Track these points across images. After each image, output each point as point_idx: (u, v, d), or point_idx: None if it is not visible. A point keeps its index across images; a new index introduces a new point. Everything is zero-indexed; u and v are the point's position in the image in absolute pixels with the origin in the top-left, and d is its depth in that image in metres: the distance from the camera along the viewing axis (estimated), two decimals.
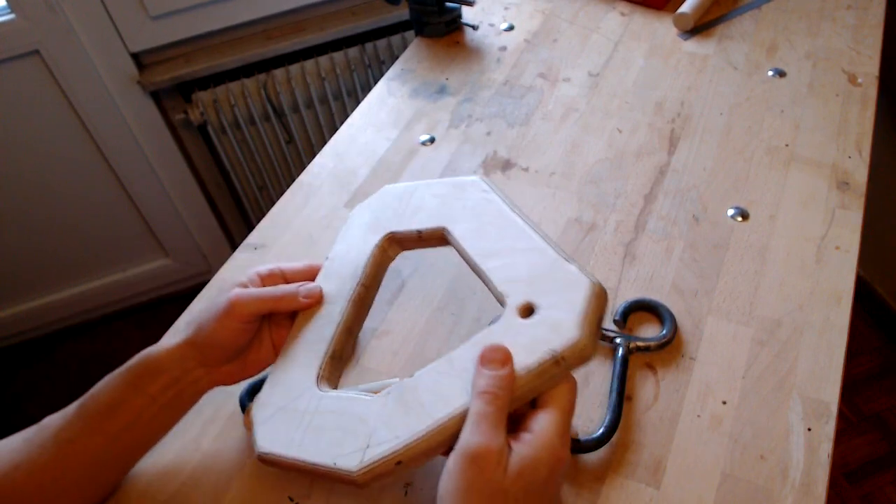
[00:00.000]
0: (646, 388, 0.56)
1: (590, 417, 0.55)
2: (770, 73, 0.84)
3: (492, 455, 0.36)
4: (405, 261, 0.67)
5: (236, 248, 0.71)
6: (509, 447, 0.37)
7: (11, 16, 1.18)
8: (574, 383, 0.40)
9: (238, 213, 1.70)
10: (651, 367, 0.58)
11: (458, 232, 0.50)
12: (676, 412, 0.54)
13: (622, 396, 0.55)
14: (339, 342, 0.50)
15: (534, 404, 0.41)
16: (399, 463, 0.39)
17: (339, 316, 0.50)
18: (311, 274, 0.54)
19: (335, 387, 0.48)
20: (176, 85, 1.35)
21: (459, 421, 0.39)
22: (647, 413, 0.55)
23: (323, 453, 0.42)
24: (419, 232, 0.52)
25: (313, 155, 0.80)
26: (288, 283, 0.53)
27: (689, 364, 0.57)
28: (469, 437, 0.36)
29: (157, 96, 1.38)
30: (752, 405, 0.54)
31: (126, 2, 1.22)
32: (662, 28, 0.93)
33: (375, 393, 0.45)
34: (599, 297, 0.41)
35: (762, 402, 0.54)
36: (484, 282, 0.46)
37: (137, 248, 1.64)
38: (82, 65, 1.26)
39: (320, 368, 0.48)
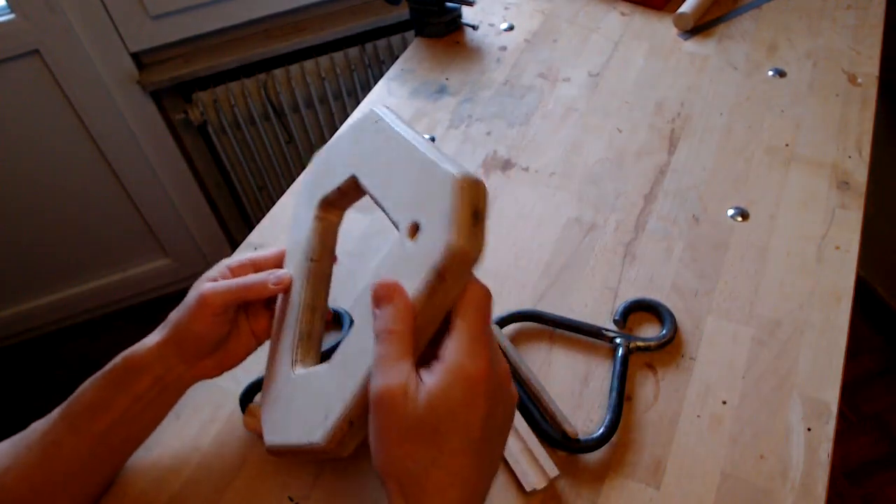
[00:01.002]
0: (646, 388, 0.56)
1: (590, 417, 0.55)
2: (770, 72, 0.84)
3: (396, 393, 0.34)
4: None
5: (236, 248, 0.71)
6: (421, 379, 0.35)
7: (11, 16, 1.18)
8: (479, 291, 0.37)
9: (238, 213, 1.70)
10: (651, 367, 0.58)
11: (364, 174, 0.47)
12: (676, 412, 0.54)
13: (622, 396, 0.55)
14: (304, 322, 0.49)
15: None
16: (351, 422, 0.39)
17: (298, 297, 0.50)
18: (280, 260, 0.54)
19: (315, 361, 0.48)
20: (176, 85, 1.35)
21: None
22: (647, 413, 0.55)
23: (299, 433, 0.42)
24: (339, 189, 0.50)
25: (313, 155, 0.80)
26: (258, 272, 0.52)
27: (689, 364, 0.57)
28: (373, 382, 0.35)
29: (157, 96, 1.38)
30: (752, 405, 0.54)
31: (126, 2, 1.22)
32: (662, 28, 0.93)
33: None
34: (468, 189, 0.36)
35: (762, 402, 0.54)
36: (386, 214, 0.44)
37: (137, 248, 1.64)
38: (82, 65, 1.26)
39: (293, 352, 0.48)
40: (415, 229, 0.39)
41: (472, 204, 0.36)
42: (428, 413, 0.34)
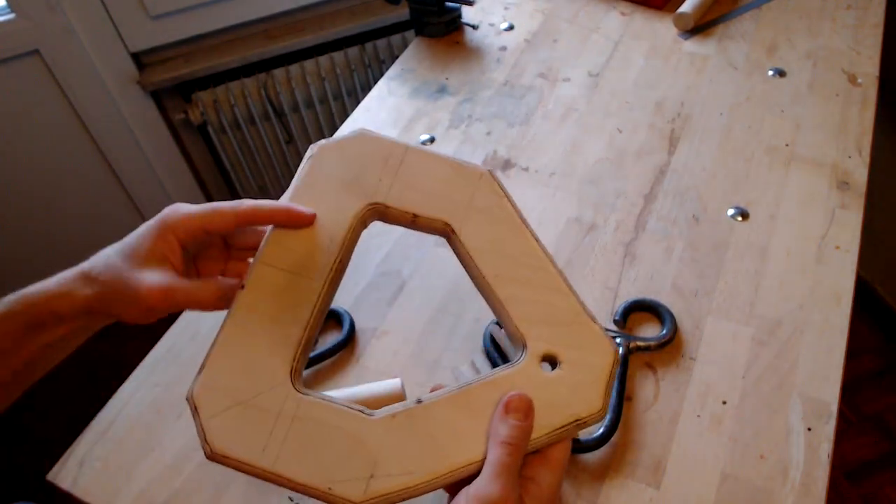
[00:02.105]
0: (646, 388, 0.56)
1: None
2: (770, 72, 0.84)
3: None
4: (405, 261, 0.67)
5: None
6: (521, 499, 0.38)
7: (11, 16, 1.18)
8: (568, 444, 0.41)
9: None
10: (651, 367, 0.58)
11: (465, 234, 0.44)
12: (676, 412, 0.54)
13: (622, 396, 0.55)
14: (312, 329, 0.42)
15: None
16: (405, 498, 0.38)
17: (316, 297, 0.42)
18: (289, 217, 0.44)
19: (301, 379, 0.42)
20: (176, 85, 1.35)
21: (477, 467, 0.38)
22: (647, 413, 0.55)
23: (313, 472, 0.37)
24: (415, 216, 0.45)
25: None
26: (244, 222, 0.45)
27: (689, 364, 0.57)
28: (488, 486, 0.37)
29: (157, 96, 1.38)
30: (752, 405, 0.54)
31: (126, 2, 1.22)
32: (662, 28, 0.93)
33: (369, 404, 0.40)
34: (617, 364, 0.42)
35: (762, 402, 0.54)
36: (495, 309, 0.44)
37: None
38: (82, 65, 1.26)
39: (294, 361, 0.41)
40: (549, 360, 0.42)
41: (612, 383, 0.41)
42: None
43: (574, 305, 0.43)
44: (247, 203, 0.44)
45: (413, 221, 0.46)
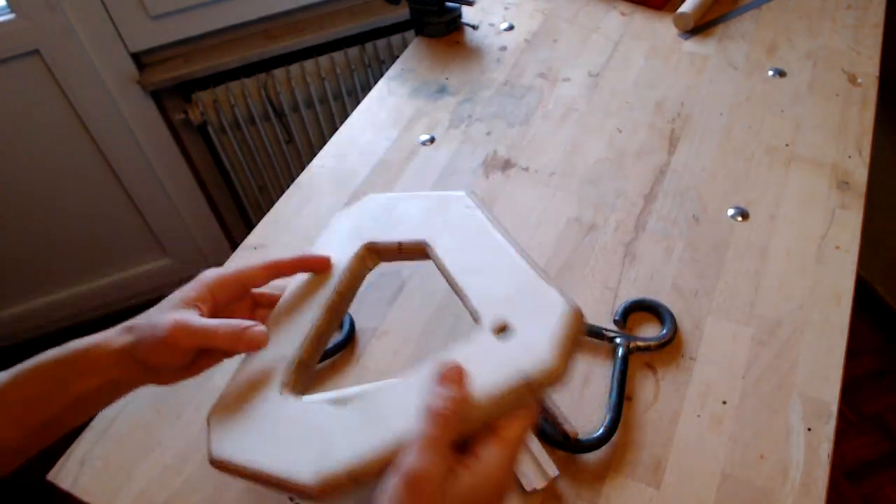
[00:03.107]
0: (646, 388, 0.56)
1: (590, 417, 0.55)
2: (770, 72, 0.84)
3: (432, 481, 0.34)
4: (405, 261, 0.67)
5: (236, 248, 0.71)
6: (454, 471, 0.36)
7: (11, 16, 1.18)
8: (533, 415, 0.39)
9: (238, 213, 1.70)
10: (651, 367, 0.58)
11: (439, 247, 0.49)
12: (676, 412, 0.54)
13: (622, 396, 0.55)
14: (307, 350, 0.47)
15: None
16: (356, 480, 0.38)
17: (311, 323, 0.48)
18: (299, 267, 0.52)
19: (300, 394, 0.46)
20: (176, 85, 1.35)
21: None
22: (647, 413, 0.55)
23: (277, 462, 0.40)
24: (399, 244, 0.51)
25: (313, 155, 0.80)
26: (272, 275, 0.50)
27: (689, 364, 0.57)
28: (412, 460, 0.35)
29: (157, 96, 1.37)
30: (752, 405, 0.54)
31: (126, 2, 1.22)
32: (662, 28, 0.93)
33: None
34: (576, 320, 0.40)
35: (762, 402, 0.54)
36: (461, 298, 0.45)
37: (137, 248, 1.64)
38: (82, 65, 1.26)
39: (286, 374, 0.46)
40: (502, 329, 0.40)
41: (578, 335, 0.39)
42: None
43: (531, 275, 0.43)
44: (271, 259, 0.51)
45: (399, 250, 0.52)
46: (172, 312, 0.45)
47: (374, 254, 0.53)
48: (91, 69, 1.28)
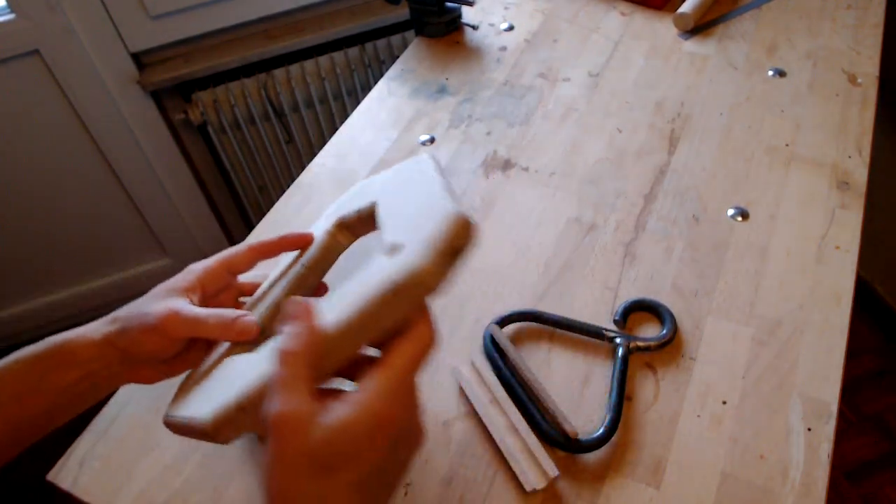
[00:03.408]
0: (646, 388, 0.56)
1: (590, 417, 0.55)
2: (770, 72, 0.84)
3: (288, 421, 0.32)
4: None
5: None
6: (326, 406, 0.33)
7: (11, 16, 1.18)
8: (425, 333, 0.35)
9: (238, 213, 1.70)
10: (651, 367, 0.58)
11: (384, 206, 0.47)
12: (676, 412, 0.54)
13: (622, 396, 0.55)
14: (266, 318, 0.48)
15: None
16: (242, 409, 0.37)
17: (274, 295, 0.49)
18: (283, 246, 0.51)
19: None
20: (176, 85, 1.35)
21: None
22: (647, 413, 0.55)
23: (193, 409, 0.41)
24: (357, 211, 0.51)
25: (313, 155, 0.80)
26: (256, 257, 0.50)
27: (689, 364, 0.57)
28: (271, 405, 0.33)
29: (157, 96, 1.37)
30: (752, 405, 0.54)
31: (126, 2, 1.22)
32: (662, 28, 0.93)
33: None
34: (458, 225, 0.35)
35: (762, 402, 0.54)
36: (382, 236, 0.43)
37: (137, 248, 1.64)
38: (82, 65, 1.26)
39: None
40: (395, 250, 0.37)
41: (456, 239, 0.35)
42: (324, 445, 0.32)
43: (436, 195, 0.40)
44: (254, 240, 0.50)
45: (359, 220, 0.51)
46: (164, 301, 0.45)
47: (345, 229, 0.52)
48: (91, 69, 1.27)
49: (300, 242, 0.51)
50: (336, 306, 0.36)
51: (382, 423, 0.33)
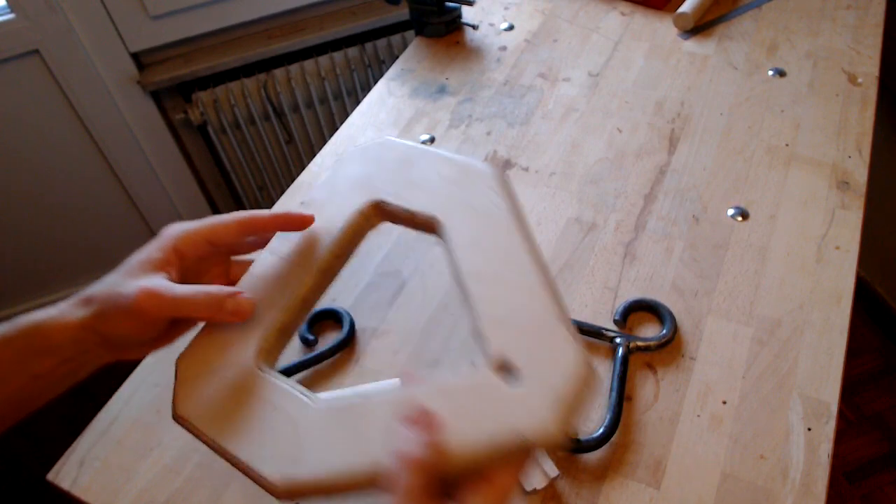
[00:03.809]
0: (646, 388, 0.56)
1: (590, 417, 0.55)
2: (770, 72, 0.84)
3: None
4: (405, 260, 0.67)
5: None
6: None
7: (11, 16, 1.18)
8: (523, 464, 0.36)
9: None
10: (651, 367, 0.58)
11: (453, 231, 0.44)
12: (676, 412, 0.54)
13: (622, 396, 0.55)
14: (291, 313, 0.43)
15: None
16: (323, 490, 0.36)
17: (301, 284, 0.43)
18: (280, 224, 0.45)
19: (274, 362, 0.43)
20: (176, 85, 1.35)
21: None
22: (647, 413, 0.55)
23: (243, 445, 0.38)
24: (412, 214, 0.45)
25: (313, 155, 0.80)
26: (244, 233, 0.44)
27: (689, 364, 0.57)
28: None
29: (157, 96, 1.37)
30: (752, 405, 0.54)
31: (126, 2, 1.22)
32: (662, 28, 0.93)
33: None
34: (588, 382, 0.36)
35: (762, 402, 0.54)
36: (466, 305, 0.41)
37: (137, 248, 1.64)
38: (82, 65, 1.26)
39: (263, 339, 0.42)
40: (505, 369, 0.37)
41: (585, 398, 0.36)
42: None
43: (548, 309, 0.39)
44: (245, 212, 0.44)
45: (410, 219, 0.46)
46: (138, 278, 0.40)
47: (381, 213, 0.47)
48: (91, 69, 1.28)
49: (300, 224, 0.45)
50: (450, 428, 0.35)
51: None
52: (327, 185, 0.48)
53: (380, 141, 0.49)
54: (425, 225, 0.46)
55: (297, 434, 0.38)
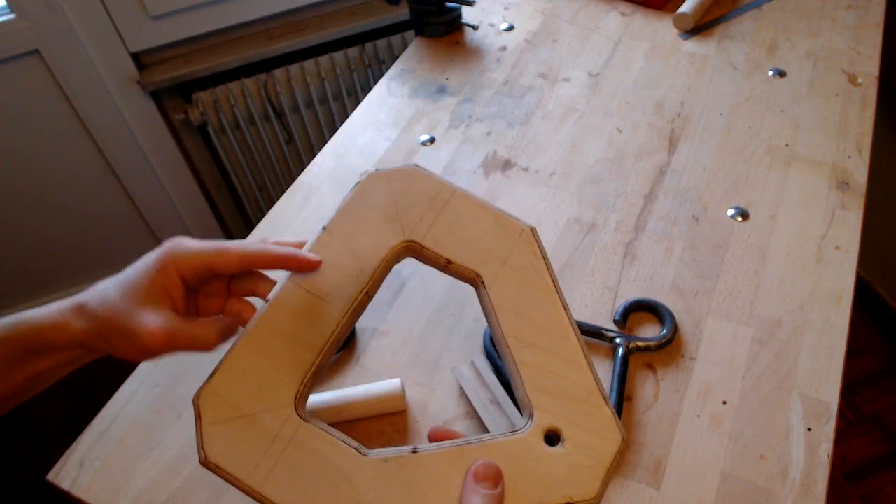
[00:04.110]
0: (646, 388, 0.56)
1: None
2: (770, 72, 0.84)
3: None
4: (405, 261, 0.67)
5: None
6: None
7: (11, 16, 1.18)
8: None
9: (238, 213, 1.70)
10: (651, 367, 0.58)
11: (494, 291, 0.44)
12: (676, 412, 0.54)
13: (622, 396, 0.55)
14: (326, 355, 0.42)
15: None
16: None
17: (335, 325, 0.43)
18: (295, 264, 0.44)
19: (306, 406, 0.43)
20: (176, 85, 1.35)
21: None
22: (647, 413, 0.55)
23: (296, 501, 0.37)
24: (449, 261, 0.45)
25: (313, 155, 0.80)
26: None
27: (689, 364, 0.57)
28: None
29: (157, 96, 1.37)
30: (752, 405, 0.54)
31: (126, 2, 1.22)
32: (662, 28, 0.93)
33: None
34: (622, 453, 0.41)
35: (762, 402, 0.54)
36: (509, 370, 0.43)
37: (137, 248, 1.63)
38: (82, 65, 1.26)
39: (301, 385, 0.41)
40: (552, 436, 0.40)
41: (619, 464, 0.41)
42: None
43: (590, 383, 0.42)
44: (253, 246, 0.43)
45: (446, 266, 0.46)
46: (144, 307, 0.40)
47: (414, 253, 0.46)
48: (91, 69, 1.28)
49: (307, 268, 0.44)
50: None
51: None
52: (351, 213, 0.46)
53: (406, 169, 0.48)
54: (463, 276, 0.46)
55: (354, 488, 0.38)
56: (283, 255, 0.43)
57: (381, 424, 0.56)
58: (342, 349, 0.61)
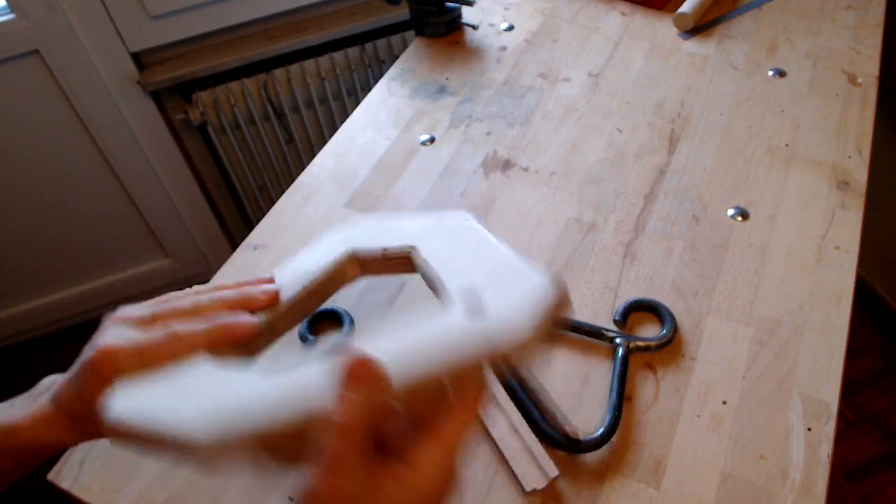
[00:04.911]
0: (646, 388, 0.56)
1: (590, 418, 0.55)
2: (770, 72, 0.84)
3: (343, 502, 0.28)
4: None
5: (236, 248, 0.71)
6: (376, 485, 0.29)
7: (11, 16, 1.18)
8: (475, 407, 0.33)
9: (238, 213, 1.70)
10: (651, 367, 0.58)
11: (427, 251, 0.45)
12: (676, 412, 0.54)
13: (622, 396, 0.55)
14: (259, 342, 0.44)
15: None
16: (259, 441, 0.32)
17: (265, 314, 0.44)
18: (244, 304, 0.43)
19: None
20: (176, 85, 1.35)
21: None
22: (647, 413, 0.55)
23: (174, 421, 0.33)
24: (384, 250, 0.47)
25: (313, 155, 0.80)
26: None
27: (689, 364, 0.57)
28: (313, 483, 0.28)
29: (157, 96, 1.37)
30: (752, 405, 0.54)
31: (126, 2, 1.22)
32: (662, 28, 0.93)
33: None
34: (561, 294, 0.36)
35: (762, 402, 0.54)
36: (437, 291, 0.42)
37: (137, 249, 1.64)
38: (82, 65, 1.26)
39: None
40: (475, 311, 0.37)
41: (559, 307, 0.36)
42: None
43: (513, 262, 0.39)
44: (200, 328, 0.39)
45: (383, 258, 0.47)
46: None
47: (357, 264, 0.48)
48: (91, 69, 1.28)
49: (243, 329, 0.41)
50: (401, 359, 0.33)
51: (439, 502, 0.31)
52: (308, 252, 0.49)
53: (355, 221, 0.51)
54: (400, 260, 0.47)
55: (228, 394, 0.35)
56: (225, 326, 0.40)
57: None
58: None
